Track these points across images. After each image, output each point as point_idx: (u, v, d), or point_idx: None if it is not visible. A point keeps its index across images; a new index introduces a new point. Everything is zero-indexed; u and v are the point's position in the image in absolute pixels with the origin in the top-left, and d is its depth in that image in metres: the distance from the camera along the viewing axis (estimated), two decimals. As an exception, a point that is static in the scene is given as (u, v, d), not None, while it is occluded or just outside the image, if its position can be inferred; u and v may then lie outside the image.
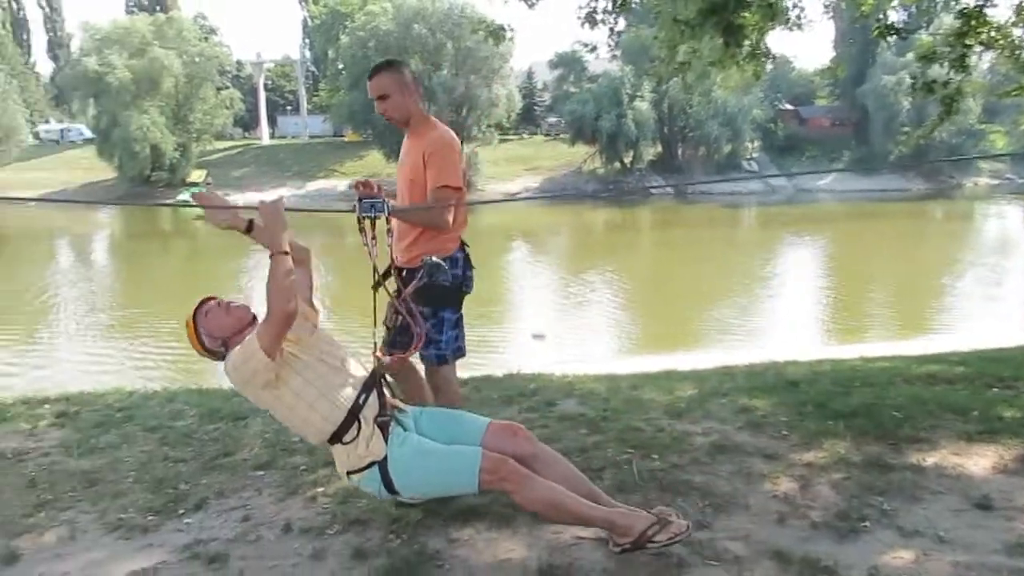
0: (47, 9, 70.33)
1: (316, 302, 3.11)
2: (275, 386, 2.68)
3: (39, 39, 71.76)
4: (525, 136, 56.30)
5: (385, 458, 2.69)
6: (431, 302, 3.25)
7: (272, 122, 61.98)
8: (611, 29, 6.65)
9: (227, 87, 49.58)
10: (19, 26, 66.85)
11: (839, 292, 19.18)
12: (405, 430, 2.77)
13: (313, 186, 45.06)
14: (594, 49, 7.81)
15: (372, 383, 2.78)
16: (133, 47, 44.46)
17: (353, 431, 2.70)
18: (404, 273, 3.28)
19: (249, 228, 2.81)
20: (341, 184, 44.54)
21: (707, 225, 35.09)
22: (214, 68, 47.67)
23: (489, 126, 47.78)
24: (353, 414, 2.70)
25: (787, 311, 16.78)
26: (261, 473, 3.73)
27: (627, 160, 48.35)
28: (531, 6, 6.46)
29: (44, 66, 70.16)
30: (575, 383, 5.41)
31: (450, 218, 3.28)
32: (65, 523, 3.26)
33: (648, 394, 4.96)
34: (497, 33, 6.76)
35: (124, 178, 44.65)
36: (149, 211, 40.89)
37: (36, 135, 55.84)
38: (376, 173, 46.06)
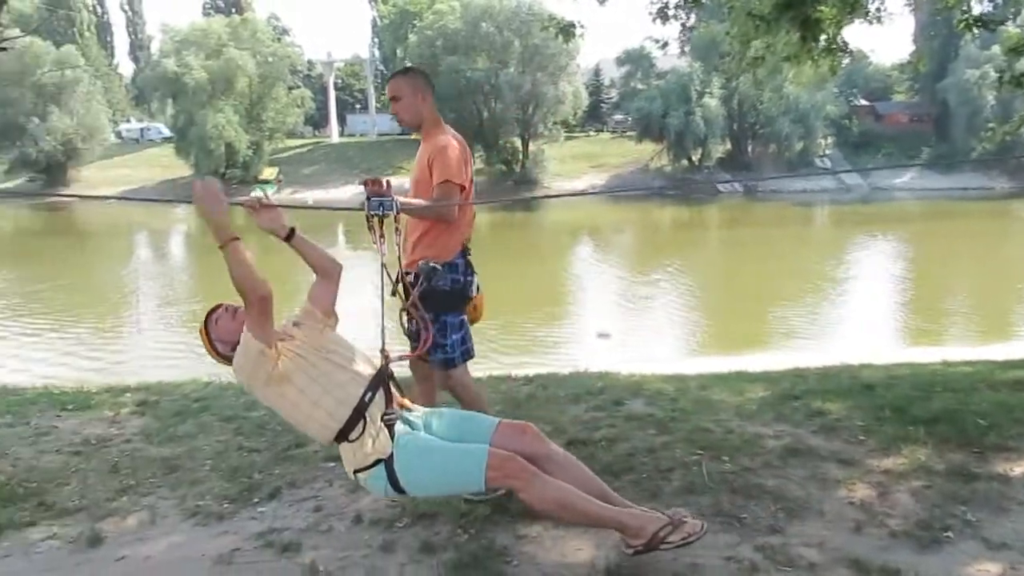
0: (129, 12, 73.14)
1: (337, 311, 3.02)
2: (279, 383, 2.67)
3: (121, 41, 74.47)
4: (591, 133, 56.03)
5: (391, 456, 2.64)
6: (432, 307, 3.25)
7: (341, 120, 63.08)
8: (683, 25, 6.55)
9: (298, 86, 50.73)
10: (103, 29, 69.51)
11: (916, 294, 18.54)
12: (413, 429, 2.74)
13: (382, 183, 45.69)
14: (665, 45, 7.68)
15: (379, 382, 2.74)
16: (209, 48, 45.83)
17: (359, 429, 2.66)
18: (409, 276, 3.32)
19: (290, 236, 2.86)
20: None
21: (777, 224, 34.34)
22: (286, 68, 48.83)
23: (555, 123, 47.73)
24: (359, 412, 2.66)
25: (860, 313, 16.29)
26: (332, 465, 3.78)
27: (695, 158, 47.71)
28: (601, 2, 6.38)
29: (126, 67, 72.86)
30: (642, 383, 5.35)
31: (455, 210, 3.36)
32: (146, 508, 3.38)
33: (717, 395, 4.88)
34: (567, 30, 6.72)
35: (199, 175, 46.00)
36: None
37: (118, 134, 58.00)
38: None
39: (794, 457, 3.67)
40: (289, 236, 2.85)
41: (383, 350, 2.82)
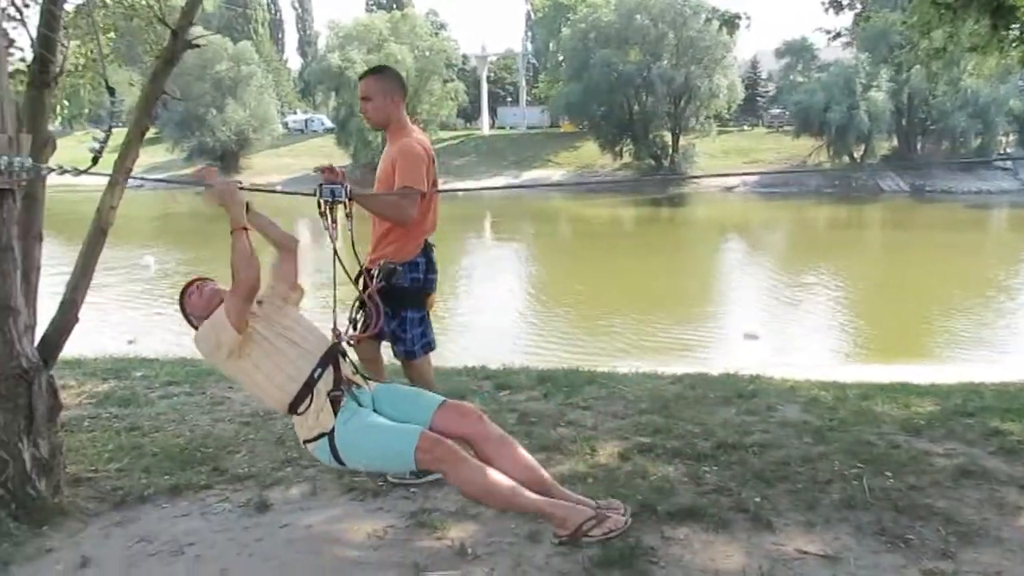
0: (299, 10, 77.39)
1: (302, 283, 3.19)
2: (238, 356, 2.84)
3: (291, 37, 78.98)
4: (746, 128, 54.16)
5: (332, 430, 2.76)
6: (392, 303, 3.44)
7: (493, 113, 64.13)
8: (857, 15, 6.18)
9: (453, 79, 51.88)
10: (275, 26, 73.97)
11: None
12: (361, 405, 2.84)
13: (528, 175, 46.12)
14: (837, 36, 7.30)
15: (329, 359, 2.87)
16: (371, 43, 47.73)
17: (306, 403, 2.80)
18: (370, 273, 3.45)
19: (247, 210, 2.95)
20: (556, 174, 45.30)
21: (947, 227, 31.95)
22: (442, 62, 50.10)
23: (708, 117, 46.52)
24: (308, 387, 2.80)
25: (1041, 327, 14.94)
26: (480, 451, 3.86)
27: (857, 154, 45.17)
28: (768, -8, 6.13)
29: (294, 62, 77.02)
30: (797, 388, 5.14)
31: (413, 212, 3.45)
32: (307, 480, 3.57)
33: (880, 406, 4.62)
34: (732, 22, 6.49)
35: (357, 165, 48.06)
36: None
37: (285, 125, 61.40)
38: (590, 164, 46.46)
39: (967, 478, 3.42)
40: (247, 210, 2.95)
41: (334, 329, 2.96)
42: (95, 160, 3.37)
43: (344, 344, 2.99)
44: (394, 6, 61.30)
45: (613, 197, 40.38)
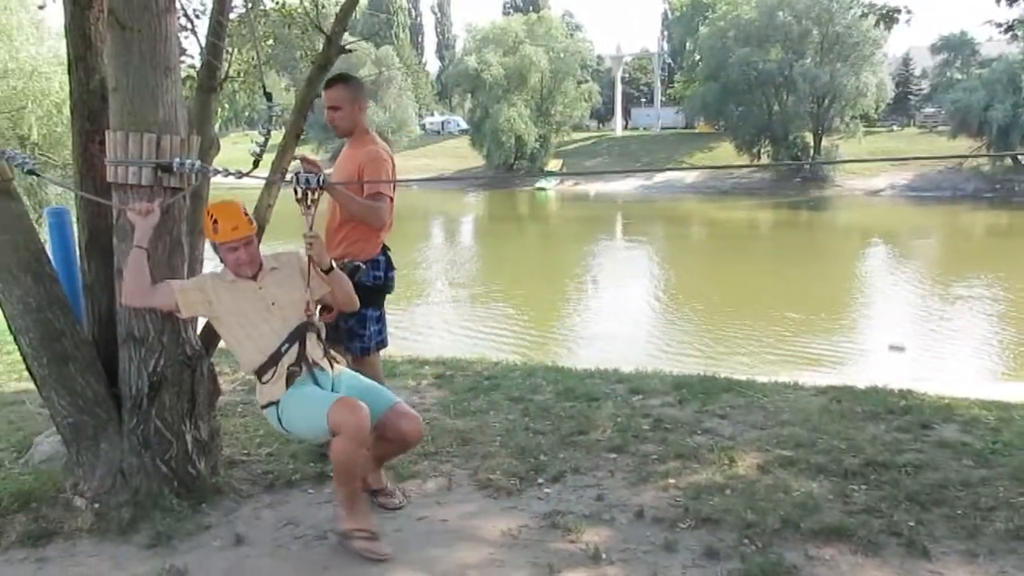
0: (438, 14, 79.48)
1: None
2: (214, 321, 3.18)
3: (430, 41, 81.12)
4: (895, 128, 51.20)
5: (279, 400, 3.00)
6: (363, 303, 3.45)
7: (626, 114, 63.58)
8: (1031, 5, 5.71)
9: (587, 80, 51.79)
10: (416, 31, 76.22)
11: None
12: (319, 385, 3.02)
13: (661, 177, 45.38)
14: (1009, 29, 6.75)
15: (296, 336, 3.04)
16: (507, 45, 48.33)
17: (270, 373, 3.03)
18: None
19: (329, 269, 3.15)
20: (689, 176, 44.37)
21: None
22: (576, 63, 50.08)
23: (854, 117, 44.24)
24: (273, 360, 3.02)
25: None
26: (614, 456, 3.83)
27: (1022, 157, 41.82)
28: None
29: (432, 65, 79.07)
30: (954, 406, 4.79)
31: (387, 219, 3.59)
32: (443, 475, 3.64)
33: (1053, 430, 4.24)
34: (891, 16, 6.12)
35: (491, 165, 48.81)
36: (510, 196, 44.40)
37: (422, 126, 63.18)
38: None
39: None
40: (328, 269, 3.13)
41: (307, 309, 3.08)
42: (256, 163, 3.57)
43: (316, 322, 3.15)
44: (531, 8, 61.85)
45: (749, 199, 39.16)
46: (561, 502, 3.34)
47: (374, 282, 3.66)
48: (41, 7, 5.99)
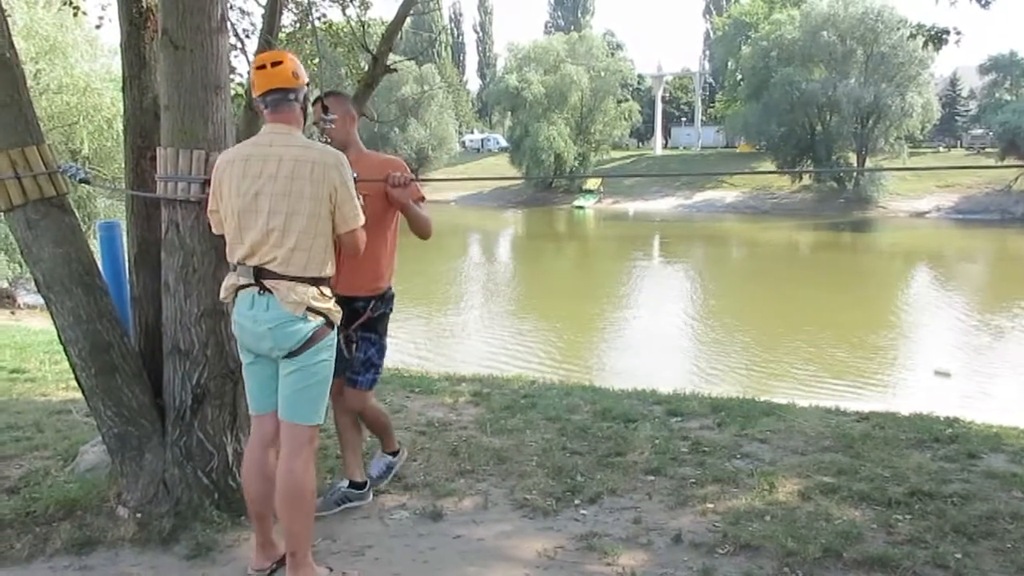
0: (480, 33, 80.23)
1: None
2: None
3: (471, 60, 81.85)
4: (941, 149, 50.32)
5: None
6: (383, 330, 3.42)
7: (666, 133, 63.41)
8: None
9: (627, 99, 51.79)
10: (457, 49, 77.01)
11: None
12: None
13: (701, 196, 45.10)
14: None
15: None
16: (548, 64, 48.61)
17: None
18: (359, 303, 3.31)
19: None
20: (729, 195, 44.01)
21: None
22: (617, 82, 50.14)
23: (899, 138, 43.52)
24: None
25: None
26: (651, 479, 3.79)
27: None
28: (985, 5, 5.63)
29: (473, 83, 79.74)
30: (1003, 435, 4.67)
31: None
32: (480, 493, 3.63)
33: (1105, 463, 4.10)
34: (939, 37, 6.02)
35: (529, 183, 48.97)
36: (548, 213, 44.44)
37: (462, 143, 63.69)
38: (766, 186, 44.66)
39: None
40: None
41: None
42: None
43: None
44: (572, 27, 62.12)
45: (790, 220, 38.71)
46: (598, 524, 3.31)
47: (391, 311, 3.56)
48: (98, 26, 6.16)
